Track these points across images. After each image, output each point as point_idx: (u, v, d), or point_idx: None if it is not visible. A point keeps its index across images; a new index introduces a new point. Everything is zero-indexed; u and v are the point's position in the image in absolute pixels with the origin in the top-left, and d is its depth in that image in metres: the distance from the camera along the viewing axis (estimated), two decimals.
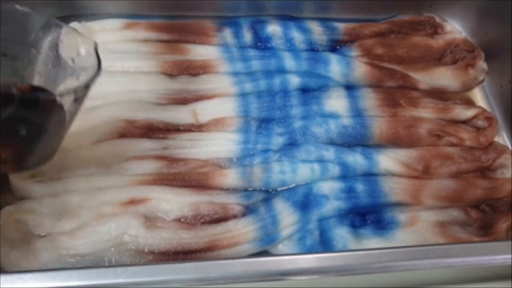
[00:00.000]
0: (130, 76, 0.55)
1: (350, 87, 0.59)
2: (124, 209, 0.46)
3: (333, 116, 0.56)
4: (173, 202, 0.48)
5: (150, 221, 0.46)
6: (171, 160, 0.51)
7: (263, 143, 0.53)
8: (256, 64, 0.59)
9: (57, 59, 0.38)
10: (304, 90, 0.57)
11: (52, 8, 0.60)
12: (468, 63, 0.64)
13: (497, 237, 0.51)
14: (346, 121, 0.55)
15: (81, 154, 0.49)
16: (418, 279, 0.47)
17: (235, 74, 0.57)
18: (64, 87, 0.36)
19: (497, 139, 0.59)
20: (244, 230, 0.47)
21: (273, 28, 0.61)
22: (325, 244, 0.48)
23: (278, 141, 0.53)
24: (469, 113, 0.59)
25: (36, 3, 0.58)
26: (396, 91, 0.59)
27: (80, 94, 0.34)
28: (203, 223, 0.47)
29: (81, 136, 0.50)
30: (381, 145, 0.55)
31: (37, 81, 0.37)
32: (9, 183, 0.48)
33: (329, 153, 0.52)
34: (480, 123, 0.58)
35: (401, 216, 0.51)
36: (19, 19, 0.39)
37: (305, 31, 0.62)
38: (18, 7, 0.36)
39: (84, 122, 0.49)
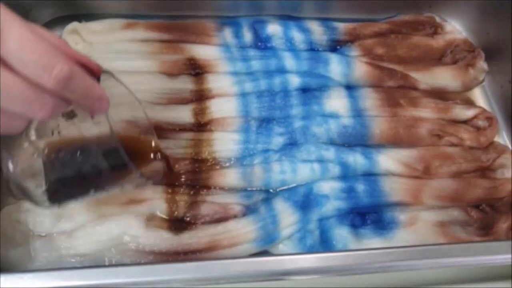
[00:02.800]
0: (130, 76, 0.55)
1: (350, 87, 0.59)
2: (124, 209, 0.46)
3: (333, 116, 0.56)
4: (173, 202, 0.48)
5: (150, 221, 0.46)
6: (171, 160, 0.51)
7: (263, 143, 0.53)
8: (256, 64, 0.59)
9: None
10: (305, 90, 0.57)
11: (52, 8, 0.60)
12: (468, 63, 0.64)
13: (497, 237, 0.51)
14: (346, 121, 0.55)
15: None
16: (418, 279, 0.47)
17: (235, 74, 0.57)
18: None
19: (497, 139, 0.59)
20: (244, 230, 0.47)
21: (273, 28, 0.61)
22: (325, 244, 0.48)
23: (278, 141, 0.53)
24: (469, 113, 0.59)
25: (36, 3, 0.58)
26: (396, 91, 0.59)
27: None
28: (203, 223, 0.47)
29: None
30: (381, 145, 0.55)
31: None
32: (9, 183, 0.48)
33: (329, 153, 0.52)
34: (480, 123, 0.58)
35: (401, 216, 0.51)
36: None
37: (305, 31, 0.62)
38: None
39: None
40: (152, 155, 0.44)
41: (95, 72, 0.35)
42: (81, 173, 0.37)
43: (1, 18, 0.26)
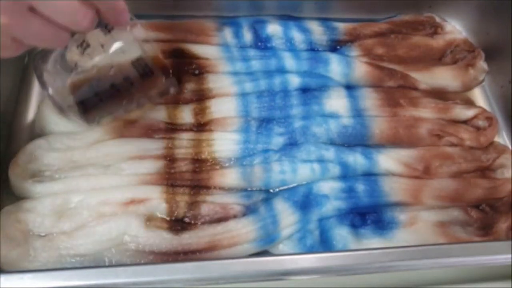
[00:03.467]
0: None
1: (350, 87, 0.59)
2: (124, 209, 0.46)
3: (333, 116, 0.56)
4: (173, 202, 0.48)
5: (150, 221, 0.46)
6: (171, 160, 0.51)
7: (263, 143, 0.53)
8: (256, 64, 0.59)
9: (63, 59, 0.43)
10: (304, 90, 0.57)
11: None
12: (468, 63, 0.64)
13: (497, 237, 0.51)
14: (346, 121, 0.55)
15: (81, 154, 0.49)
16: (418, 279, 0.47)
17: (235, 74, 0.57)
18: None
19: (497, 139, 0.59)
20: (244, 230, 0.47)
21: (273, 28, 0.61)
22: (325, 244, 0.48)
23: (278, 141, 0.53)
24: (469, 113, 0.59)
25: None
26: (396, 91, 0.59)
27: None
28: (203, 223, 0.47)
29: (81, 136, 0.50)
30: (381, 145, 0.55)
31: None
32: (9, 183, 0.48)
33: (329, 153, 0.53)
34: (480, 123, 0.58)
35: (401, 216, 0.51)
36: None
37: (305, 31, 0.62)
38: None
39: None
40: (165, 72, 0.49)
41: None
42: (114, 85, 0.44)
43: None
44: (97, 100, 0.45)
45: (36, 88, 0.56)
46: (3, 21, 0.31)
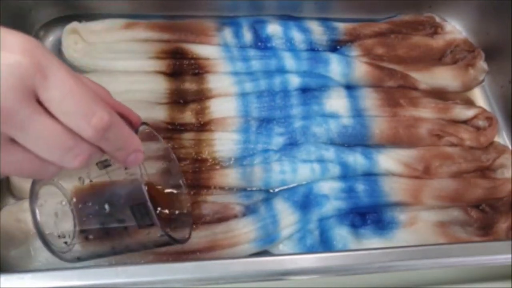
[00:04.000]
0: (130, 76, 0.55)
1: (350, 87, 0.59)
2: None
3: (333, 116, 0.56)
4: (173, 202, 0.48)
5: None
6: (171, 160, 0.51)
7: (263, 143, 0.53)
8: (256, 64, 0.59)
9: None
10: (304, 90, 0.57)
11: (52, 8, 0.60)
12: (468, 63, 0.64)
13: (497, 237, 0.51)
14: (346, 121, 0.55)
15: None
16: (418, 279, 0.47)
17: (235, 74, 0.57)
18: None
19: (497, 139, 0.59)
20: (244, 230, 0.47)
21: (273, 28, 0.61)
22: (325, 244, 0.48)
23: (278, 141, 0.53)
24: (469, 113, 0.59)
25: (36, 3, 0.58)
26: (396, 91, 0.59)
27: None
28: (204, 223, 0.47)
29: None
30: (381, 145, 0.55)
31: None
32: (9, 183, 0.48)
33: (329, 153, 0.52)
34: (480, 123, 0.58)
35: (401, 216, 0.51)
36: None
37: (305, 31, 0.62)
38: None
39: None
40: (180, 213, 0.43)
41: (133, 124, 0.35)
42: (105, 227, 0.35)
43: (47, 63, 0.26)
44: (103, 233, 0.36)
45: None
46: None
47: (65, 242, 0.35)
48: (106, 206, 0.34)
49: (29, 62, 0.25)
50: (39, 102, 0.26)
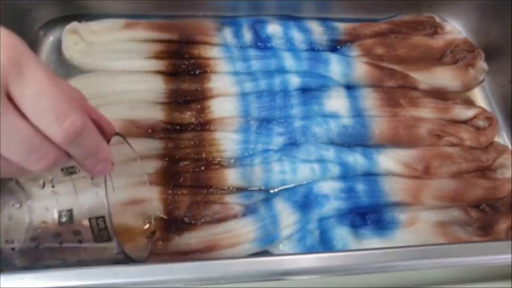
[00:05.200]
0: (130, 76, 0.55)
1: (350, 87, 0.59)
2: (124, 209, 0.46)
3: (333, 116, 0.56)
4: (173, 202, 0.48)
5: (150, 221, 0.46)
6: (172, 160, 0.51)
7: (263, 143, 0.53)
8: (256, 64, 0.59)
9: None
10: (304, 90, 0.57)
11: (52, 8, 0.60)
12: (468, 63, 0.64)
13: (497, 237, 0.51)
14: (346, 121, 0.55)
15: None
16: (418, 279, 0.47)
17: (235, 73, 0.57)
18: None
19: (497, 139, 0.59)
20: (244, 230, 0.47)
21: (273, 28, 0.61)
22: (325, 244, 0.48)
23: (278, 141, 0.53)
24: (469, 113, 0.58)
25: (36, 3, 0.58)
26: (396, 91, 0.59)
27: None
28: (203, 223, 0.47)
29: None
30: (381, 145, 0.55)
31: None
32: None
33: (329, 153, 0.52)
34: (480, 123, 0.58)
35: (401, 216, 0.51)
36: None
37: (305, 31, 0.62)
38: None
39: None
40: (142, 236, 0.42)
41: (106, 133, 0.33)
42: (60, 238, 0.34)
43: (25, 60, 0.25)
44: (41, 243, 0.34)
45: None
46: None
47: (12, 248, 0.34)
48: (64, 215, 0.33)
49: (5, 56, 0.24)
50: (10, 99, 0.25)
